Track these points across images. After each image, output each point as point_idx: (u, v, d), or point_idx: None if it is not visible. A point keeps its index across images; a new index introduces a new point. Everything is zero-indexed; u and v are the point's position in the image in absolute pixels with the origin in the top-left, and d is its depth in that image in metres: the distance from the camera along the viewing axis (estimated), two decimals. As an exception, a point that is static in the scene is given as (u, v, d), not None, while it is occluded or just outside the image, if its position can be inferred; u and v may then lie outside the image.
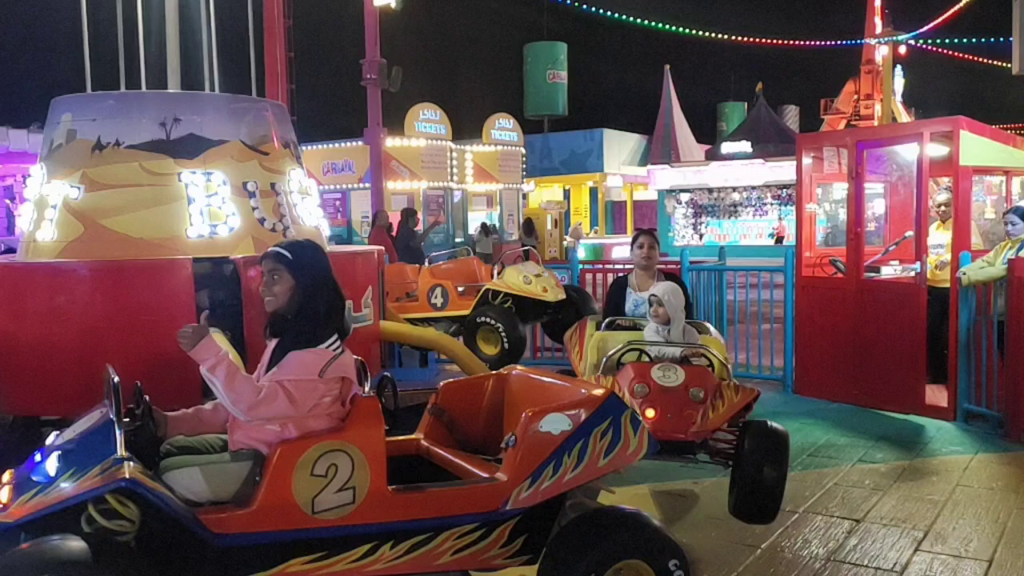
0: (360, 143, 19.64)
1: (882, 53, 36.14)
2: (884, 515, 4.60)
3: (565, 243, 25.34)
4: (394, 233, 13.59)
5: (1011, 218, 6.57)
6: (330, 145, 22.20)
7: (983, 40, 36.61)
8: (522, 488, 3.16)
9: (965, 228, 6.68)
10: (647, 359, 4.63)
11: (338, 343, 3.19)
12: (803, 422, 6.51)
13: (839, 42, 37.90)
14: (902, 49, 36.17)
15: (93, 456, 2.92)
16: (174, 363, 4.35)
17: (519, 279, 8.71)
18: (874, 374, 6.94)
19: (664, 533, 3.33)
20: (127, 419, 3.09)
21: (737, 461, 4.17)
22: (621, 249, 23.52)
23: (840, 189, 8.69)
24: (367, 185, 18.95)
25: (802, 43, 37.30)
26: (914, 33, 35.08)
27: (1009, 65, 9.63)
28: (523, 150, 24.94)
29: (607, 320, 5.41)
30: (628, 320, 5.42)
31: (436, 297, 9.27)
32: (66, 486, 2.87)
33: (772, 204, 29.29)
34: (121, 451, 2.89)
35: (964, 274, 6.36)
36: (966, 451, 5.79)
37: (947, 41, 37.26)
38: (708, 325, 5.42)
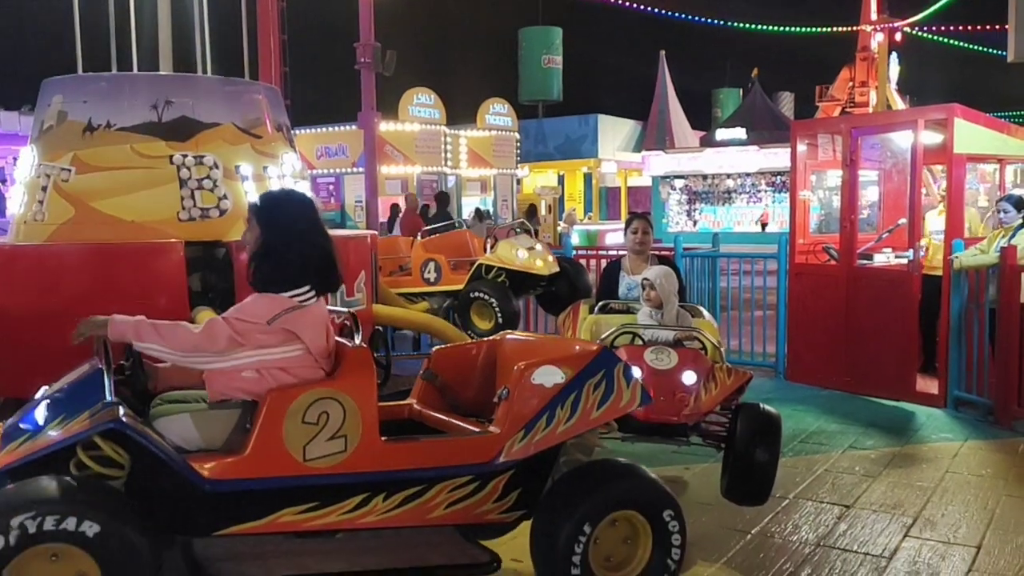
0: (354, 127, 19.56)
1: (877, 40, 36.06)
2: (874, 501, 4.63)
3: (559, 229, 25.33)
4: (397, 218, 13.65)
5: (1004, 206, 6.59)
6: (323, 129, 22.11)
7: (978, 28, 36.58)
8: (515, 440, 3.15)
9: (958, 215, 6.70)
10: (640, 342, 4.64)
11: (307, 296, 3.15)
12: (794, 408, 6.53)
13: (835, 29, 37.81)
14: (897, 36, 36.10)
15: (82, 403, 2.89)
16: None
17: (512, 253, 8.68)
18: (866, 361, 6.96)
19: (659, 484, 3.32)
20: (117, 375, 3.07)
21: (729, 444, 4.19)
22: (615, 235, 23.51)
23: (834, 176, 8.69)
24: (360, 169, 18.90)
25: (798, 29, 37.23)
26: (910, 20, 35.02)
27: (1004, 53, 9.61)
28: (517, 135, 24.89)
29: (600, 303, 5.41)
30: (621, 304, 5.43)
31: (429, 271, 9.25)
32: (54, 433, 2.84)
33: (766, 191, 29.30)
34: (110, 396, 2.87)
35: (956, 258, 6.39)
36: (956, 438, 5.82)
37: (942, 29, 37.23)
38: (701, 309, 5.43)
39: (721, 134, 31.53)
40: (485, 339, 3.98)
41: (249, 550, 3.16)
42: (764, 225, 27.62)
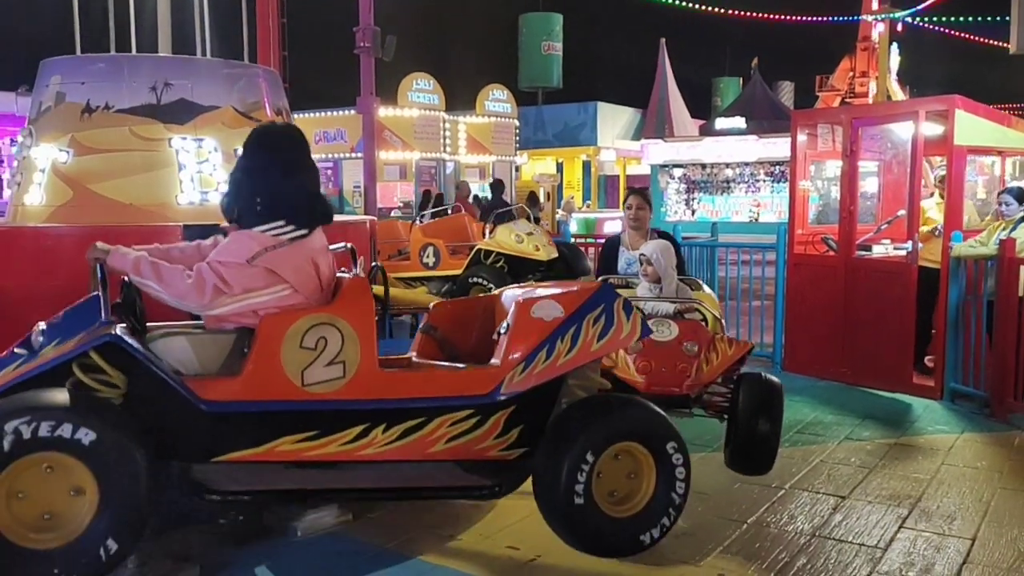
0: (352, 112, 19.45)
1: (878, 30, 35.97)
2: (870, 492, 4.64)
3: (558, 216, 25.29)
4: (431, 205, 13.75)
5: (1005, 198, 6.58)
6: (322, 114, 22.01)
7: (980, 19, 36.48)
8: (515, 372, 3.14)
9: (957, 207, 6.69)
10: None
11: (285, 231, 3.11)
12: (791, 399, 6.51)
13: (836, 18, 37.71)
14: (898, 27, 36.01)
15: (79, 327, 2.88)
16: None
17: (511, 238, 8.68)
18: (863, 352, 6.97)
19: (662, 416, 3.32)
20: (115, 306, 3.04)
21: (732, 414, 4.18)
22: (613, 224, 23.49)
23: (833, 167, 8.68)
24: (359, 155, 18.83)
25: (799, 19, 37.11)
26: (911, 11, 34.92)
27: (1006, 45, 9.58)
28: (516, 122, 24.80)
29: (600, 279, 5.42)
30: (620, 279, 5.44)
31: (428, 256, 9.25)
32: (51, 354, 2.82)
33: (765, 181, 29.25)
34: (107, 316, 2.84)
35: (954, 248, 6.40)
36: (952, 430, 5.84)
37: (944, 19, 37.12)
38: (700, 282, 5.44)
39: (720, 123, 31.41)
40: (484, 295, 3.98)
41: (247, 474, 3.11)
42: (756, 218, 27.61)
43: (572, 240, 10.03)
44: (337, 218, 8.27)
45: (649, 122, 35.30)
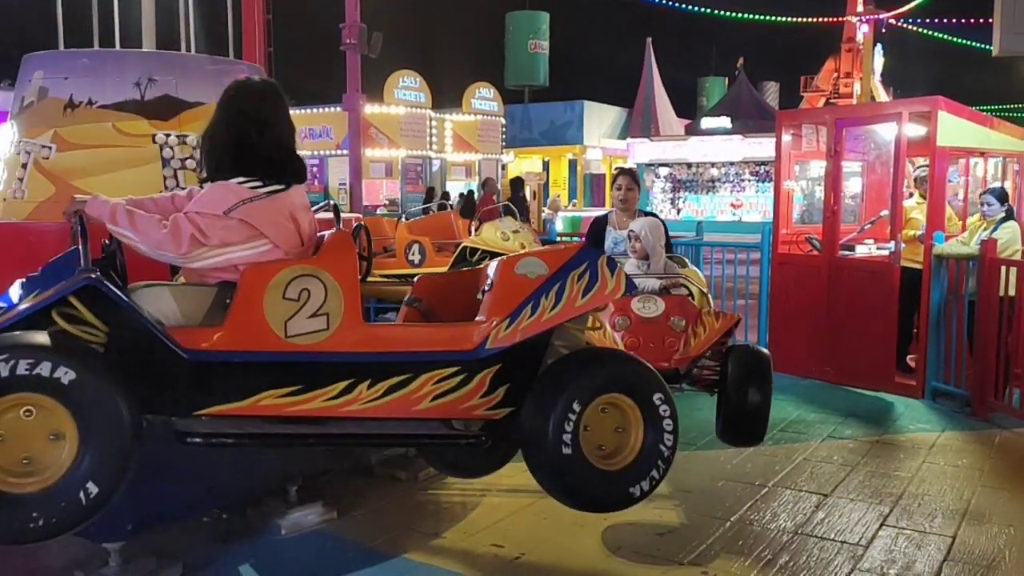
0: (338, 109, 19.41)
1: (863, 32, 36.17)
2: (852, 490, 4.67)
3: (544, 215, 25.29)
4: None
5: (988, 199, 6.64)
6: (308, 111, 21.95)
7: (963, 21, 36.74)
8: (500, 328, 3.13)
9: (939, 208, 6.74)
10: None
11: (261, 184, 3.08)
12: (774, 397, 6.49)
13: (821, 19, 37.88)
14: (882, 28, 36.22)
15: (58, 278, 2.84)
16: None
17: (496, 235, 8.66)
18: (846, 351, 7.01)
19: (647, 367, 3.31)
20: (96, 260, 2.99)
21: (721, 387, 4.19)
22: (599, 222, 23.52)
23: (818, 167, 8.72)
24: (345, 152, 18.79)
25: (784, 19, 37.27)
26: (895, 12, 35.13)
27: (988, 47, 9.65)
28: (503, 120, 24.82)
29: None
30: None
31: (413, 253, 9.23)
32: (29, 304, 2.78)
33: (750, 180, 29.36)
34: (86, 265, 2.80)
35: (937, 247, 6.45)
36: (933, 429, 5.88)
37: (927, 21, 37.37)
38: (686, 260, 5.46)
39: (706, 123, 31.55)
40: (469, 268, 3.97)
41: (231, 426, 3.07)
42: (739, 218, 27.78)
43: (558, 238, 10.04)
44: (322, 215, 8.26)
45: (635, 121, 35.37)
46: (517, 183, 14.37)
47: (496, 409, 3.20)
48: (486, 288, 3.21)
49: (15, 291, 2.90)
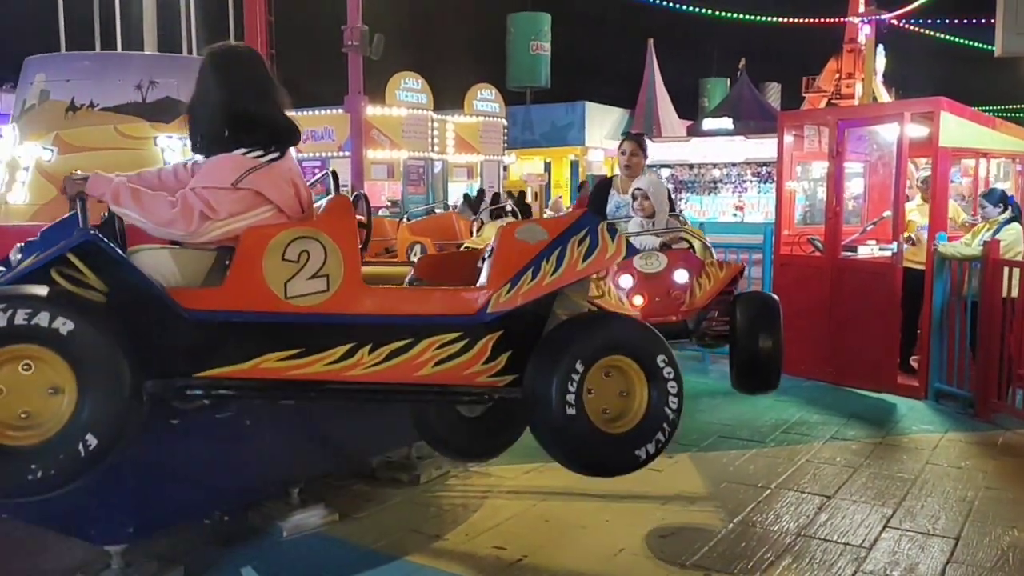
0: (340, 111, 19.45)
1: (865, 32, 36.13)
2: (855, 492, 4.66)
3: (546, 216, 25.31)
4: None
5: (983, 201, 6.62)
6: (310, 112, 21.94)
7: (965, 21, 36.70)
8: (502, 292, 3.13)
9: (942, 209, 6.73)
10: None
11: (258, 153, 3.08)
12: (777, 399, 6.55)
13: (822, 20, 37.86)
14: (883, 28, 36.18)
15: (56, 240, 2.82)
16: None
17: None
18: (849, 352, 7.00)
19: (650, 329, 3.30)
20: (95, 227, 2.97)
21: (732, 336, 4.17)
22: (600, 223, 23.51)
23: (820, 168, 8.71)
24: (347, 154, 18.78)
25: (786, 20, 37.26)
26: (897, 13, 35.09)
27: (991, 47, 9.64)
28: (505, 121, 24.80)
29: None
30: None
31: (415, 254, 9.24)
32: (28, 264, 2.78)
33: (752, 181, 29.34)
34: (85, 226, 2.79)
35: (940, 247, 6.44)
36: (936, 430, 5.87)
37: (930, 21, 37.34)
38: (686, 219, 5.46)
39: (708, 124, 31.51)
40: (472, 249, 3.97)
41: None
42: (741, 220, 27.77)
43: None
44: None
45: (637, 122, 35.34)
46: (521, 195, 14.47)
47: (499, 376, 3.19)
48: (487, 255, 3.22)
49: (14, 255, 2.90)
